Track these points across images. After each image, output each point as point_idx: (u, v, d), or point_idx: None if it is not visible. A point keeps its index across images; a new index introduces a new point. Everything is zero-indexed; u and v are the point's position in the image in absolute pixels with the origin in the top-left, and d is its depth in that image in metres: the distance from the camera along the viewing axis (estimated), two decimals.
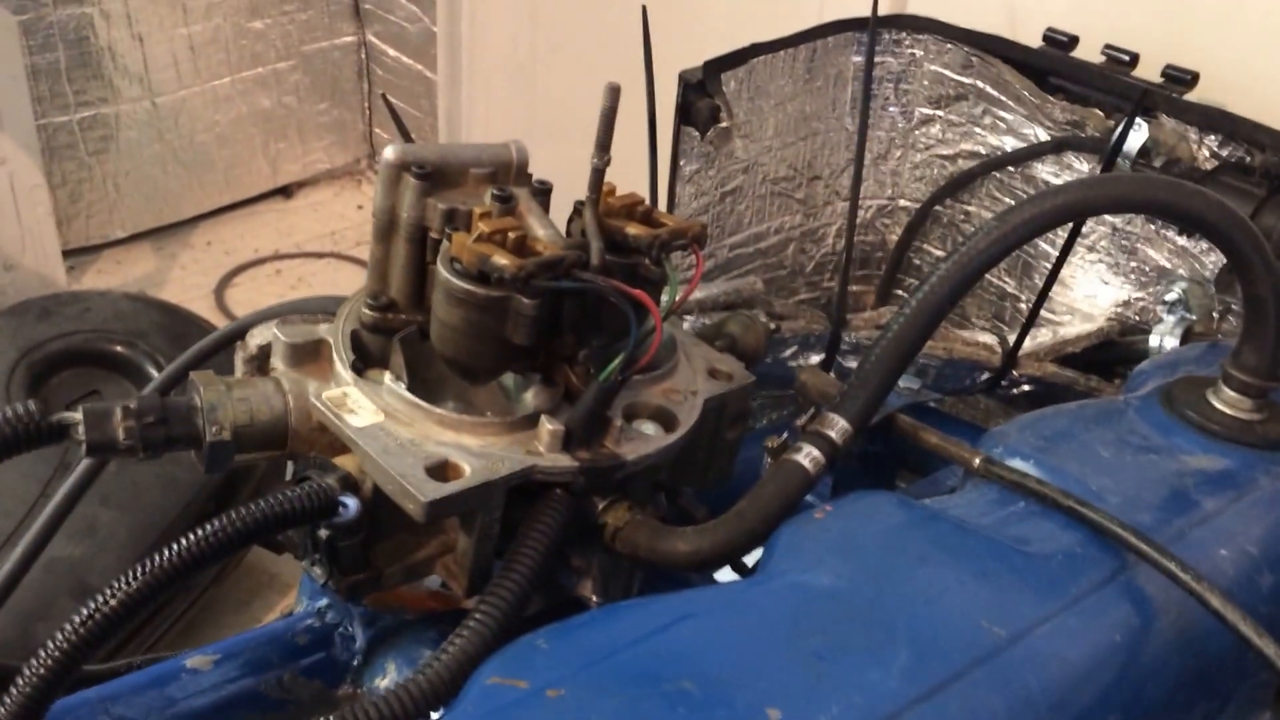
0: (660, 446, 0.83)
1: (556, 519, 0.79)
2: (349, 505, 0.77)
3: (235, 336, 0.92)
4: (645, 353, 0.80)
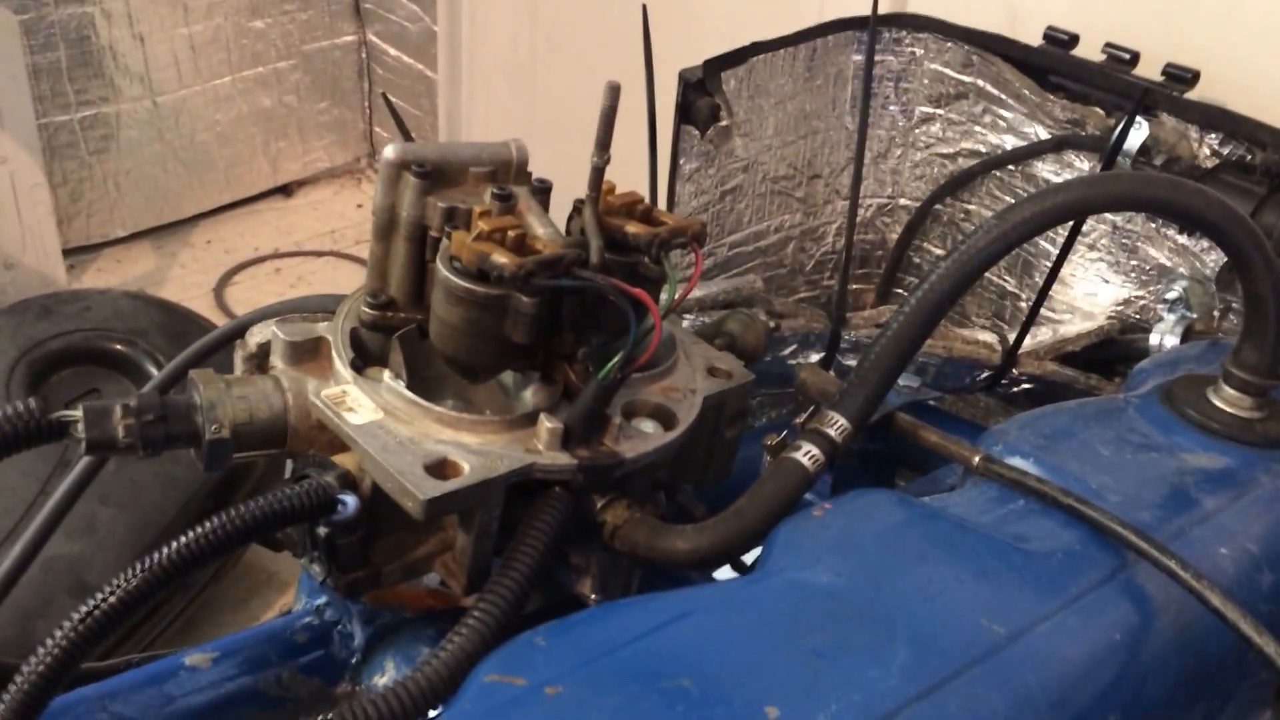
0: (659, 444, 0.83)
1: (555, 517, 0.79)
2: (348, 503, 0.77)
3: (235, 335, 0.92)
4: (644, 351, 0.80)
